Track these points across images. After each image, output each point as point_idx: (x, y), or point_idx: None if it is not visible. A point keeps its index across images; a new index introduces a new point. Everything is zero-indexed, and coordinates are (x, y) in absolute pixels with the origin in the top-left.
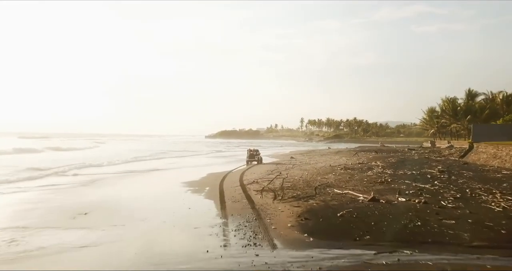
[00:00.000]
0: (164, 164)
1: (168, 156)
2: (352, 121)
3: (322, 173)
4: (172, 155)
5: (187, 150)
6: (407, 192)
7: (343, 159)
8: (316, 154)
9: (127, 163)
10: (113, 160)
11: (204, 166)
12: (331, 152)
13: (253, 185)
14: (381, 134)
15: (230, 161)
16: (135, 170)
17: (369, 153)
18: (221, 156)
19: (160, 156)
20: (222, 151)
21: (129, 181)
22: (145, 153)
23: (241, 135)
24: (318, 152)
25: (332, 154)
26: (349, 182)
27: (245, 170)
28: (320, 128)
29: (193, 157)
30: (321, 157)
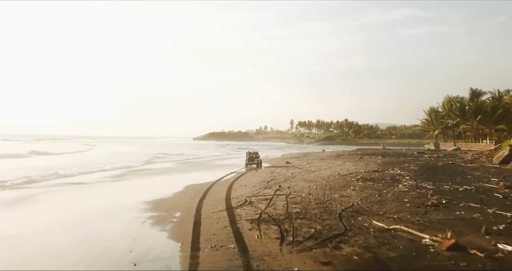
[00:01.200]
0: (139, 170)
1: (157, 161)
2: (343, 123)
3: (336, 187)
4: (158, 160)
5: (174, 154)
6: (496, 226)
7: (348, 165)
8: (314, 158)
9: (103, 171)
10: (92, 167)
11: (185, 172)
12: (330, 155)
13: (245, 208)
14: (372, 136)
15: (218, 165)
16: (100, 180)
17: (375, 157)
18: (210, 160)
19: (147, 161)
20: (213, 155)
21: (73, 196)
22: (131, 158)
23: (230, 137)
24: (315, 156)
25: (332, 158)
26: (384, 203)
27: (234, 179)
28: (310, 130)
29: (178, 162)
30: (321, 162)
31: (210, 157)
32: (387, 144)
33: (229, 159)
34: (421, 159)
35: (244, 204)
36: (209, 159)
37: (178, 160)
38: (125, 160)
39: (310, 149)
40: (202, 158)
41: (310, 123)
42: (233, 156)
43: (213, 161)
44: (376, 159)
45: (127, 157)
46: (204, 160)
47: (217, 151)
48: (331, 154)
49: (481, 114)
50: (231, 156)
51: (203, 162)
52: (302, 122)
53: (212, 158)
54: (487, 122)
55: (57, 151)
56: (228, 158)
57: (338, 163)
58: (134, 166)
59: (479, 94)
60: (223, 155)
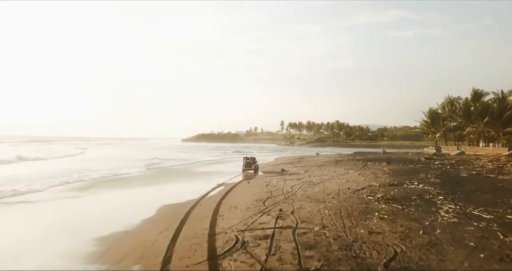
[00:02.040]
0: (114, 180)
1: (144, 167)
2: (334, 124)
3: (355, 212)
4: (146, 166)
5: (165, 158)
6: None
7: (353, 174)
8: (311, 164)
9: (68, 184)
10: (66, 177)
11: (167, 182)
12: (328, 161)
13: (235, 257)
14: (364, 137)
15: (207, 173)
16: (55, 196)
17: (379, 163)
18: (199, 165)
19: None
20: (203, 160)
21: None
22: (120, 164)
23: (219, 138)
24: (311, 161)
25: (331, 164)
26: (440, 250)
27: (223, 196)
28: (300, 132)
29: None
30: (320, 170)
31: (200, 162)
32: (381, 146)
33: (220, 163)
34: (434, 167)
35: (235, 247)
36: (198, 164)
37: (165, 166)
38: (111, 166)
39: (302, 151)
40: (190, 163)
41: (300, 124)
42: (224, 160)
43: (202, 166)
44: (381, 166)
45: (115, 163)
46: (192, 166)
47: (207, 154)
48: (328, 158)
49: (488, 116)
50: (222, 160)
51: (190, 169)
52: (292, 123)
53: (201, 163)
54: (494, 125)
55: (46, 155)
56: (219, 163)
57: (340, 171)
58: (115, 174)
59: (481, 95)
60: (213, 159)
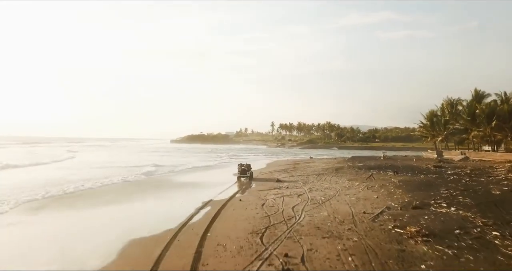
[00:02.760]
0: (86, 195)
1: (129, 175)
2: (325, 125)
3: (387, 256)
4: (132, 174)
5: (149, 164)
6: None
7: (358, 186)
8: (308, 172)
9: (26, 203)
10: (29, 193)
11: (145, 199)
12: (326, 168)
13: None
14: (355, 139)
15: (193, 185)
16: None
17: (384, 172)
18: (186, 172)
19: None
20: (192, 166)
21: None
22: (106, 172)
23: (209, 139)
24: (307, 167)
25: (330, 172)
26: None
27: (208, 223)
28: (291, 133)
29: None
30: (320, 180)
31: (187, 169)
32: (373, 148)
33: (210, 169)
34: (449, 178)
35: None
36: (185, 172)
37: (149, 174)
38: (91, 176)
39: (294, 154)
40: (176, 171)
41: (291, 126)
42: (214, 165)
43: (189, 173)
44: (388, 176)
45: (102, 171)
46: (177, 174)
47: (196, 159)
48: (325, 164)
49: (495, 119)
50: (212, 165)
51: (174, 179)
52: (283, 124)
53: (188, 170)
54: (502, 129)
55: (31, 160)
56: (208, 169)
57: (343, 182)
58: (89, 187)
59: (482, 97)
60: (202, 165)
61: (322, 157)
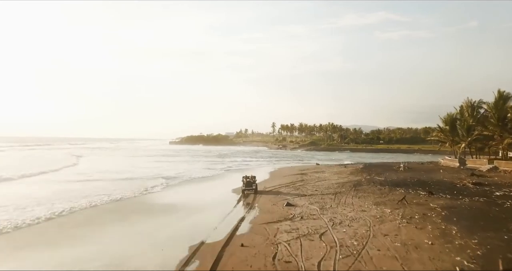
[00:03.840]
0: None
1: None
2: (327, 126)
3: None
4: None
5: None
6: None
7: (393, 218)
8: (322, 189)
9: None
10: None
11: (98, 241)
12: (341, 183)
13: None
14: (359, 141)
15: (183, 208)
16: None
17: (414, 191)
18: (180, 184)
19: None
20: (187, 177)
21: None
22: (103, 188)
23: (208, 141)
24: (317, 179)
25: (349, 190)
26: None
27: None
28: (292, 133)
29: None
30: (340, 204)
31: (180, 183)
32: (379, 150)
33: (206, 181)
34: (504, 203)
35: None
36: (181, 185)
37: (134, 191)
38: (90, 192)
39: (297, 158)
40: (164, 187)
41: (292, 126)
42: (211, 176)
43: (180, 191)
44: (422, 198)
45: (100, 184)
46: (164, 193)
47: (193, 166)
48: (337, 175)
49: None
50: (209, 177)
51: (159, 200)
52: (284, 125)
53: (184, 181)
54: None
55: (29, 168)
56: (205, 180)
57: (371, 208)
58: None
59: (507, 98)
60: (197, 176)
61: (329, 163)
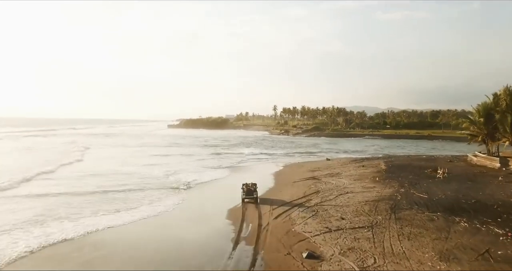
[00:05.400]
0: None
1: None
2: (333, 111)
3: None
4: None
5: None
6: None
7: None
8: (351, 218)
9: None
10: None
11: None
12: (369, 201)
13: None
14: (365, 126)
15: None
16: None
17: (487, 229)
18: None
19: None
20: (184, 182)
21: None
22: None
23: (207, 124)
24: (332, 184)
25: (388, 219)
26: None
27: None
28: (294, 117)
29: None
30: (386, 256)
31: (165, 192)
32: (384, 136)
33: (202, 187)
34: None
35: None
36: (167, 194)
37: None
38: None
39: (301, 146)
40: (146, 204)
41: (295, 110)
42: (207, 182)
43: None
44: (509, 244)
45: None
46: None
47: (187, 159)
48: (359, 182)
49: None
50: (206, 178)
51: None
52: (286, 109)
53: (165, 196)
54: None
55: (27, 173)
56: (200, 186)
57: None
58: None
59: None
60: (190, 180)
61: (340, 157)
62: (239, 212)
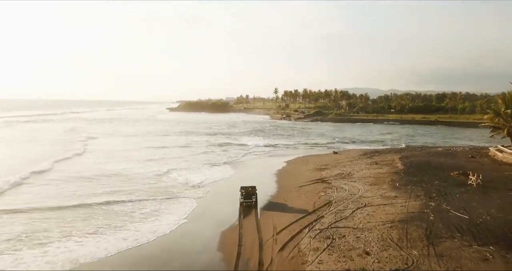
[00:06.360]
0: None
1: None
2: (336, 94)
3: None
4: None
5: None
6: None
7: None
8: (380, 258)
9: None
10: None
11: None
12: (396, 219)
13: None
14: (369, 110)
15: None
16: None
17: None
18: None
19: None
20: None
21: None
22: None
23: (207, 108)
24: (357, 208)
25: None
26: None
27: None
28: (295, 99)
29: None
30: None
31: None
32: (392, 121)
33: (196, 192)
34: None
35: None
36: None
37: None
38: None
39: (303, 133)
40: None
41: (296, 93)
42: (208, 180)
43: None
44: None
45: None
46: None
47: (186, 151)
48: (379, 190)
49: None
50: (204, 179)
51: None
52: (288, 92)
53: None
54: None
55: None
56: (195, 191)
57: None
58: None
59: None
60: (190, 181)
61: (348, 148)
62: (235, 236)
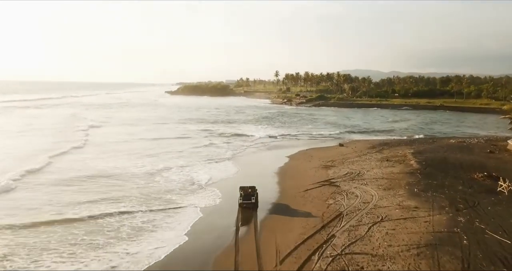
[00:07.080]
0: None
1: None
2: (339, 78)
3: None
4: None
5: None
6: None
7: None
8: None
9: None
10: None
11: None
12: (422, 243)
13: None
14: (373, 94)
15: None
16: None
17: None
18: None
19: None
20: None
21: None
22: None
23: (207, 91)
24: (373, 223)
25: None
26: None
27: None
28: (296, 83)
29: None
30: None
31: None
32: (397, 106)
33: (191, 199)
34: None
35: None
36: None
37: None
38: None
39: (305, 120)
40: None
41: (298, 76)
42: (206, 181)
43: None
44: None
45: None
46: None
47: (188, 148)
48: (396, 197)
49: None
50: (202, 179)
51: None
52: (289, 75)
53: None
54: None
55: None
56: (191, 197)
57: None
58: None
59: None
60: (188, 182)
61: (354, 138)
62: (230, 265)
